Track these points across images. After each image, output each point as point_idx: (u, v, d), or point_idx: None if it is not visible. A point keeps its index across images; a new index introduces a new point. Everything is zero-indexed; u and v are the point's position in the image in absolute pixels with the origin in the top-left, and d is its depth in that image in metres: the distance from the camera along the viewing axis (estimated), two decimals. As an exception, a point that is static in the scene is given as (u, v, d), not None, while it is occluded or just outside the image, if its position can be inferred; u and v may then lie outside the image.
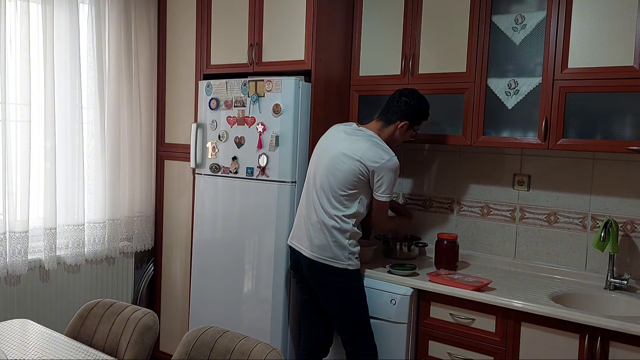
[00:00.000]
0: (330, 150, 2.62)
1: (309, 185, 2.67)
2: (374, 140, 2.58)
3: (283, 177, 2.83)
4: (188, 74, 3.40)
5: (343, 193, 2.55)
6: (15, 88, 2.90)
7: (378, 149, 2.54)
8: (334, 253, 2.53)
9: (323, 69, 2.89)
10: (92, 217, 3.30)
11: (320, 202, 2.58)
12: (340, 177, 2.54)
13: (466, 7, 2.65)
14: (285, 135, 2.82)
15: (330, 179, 2.56)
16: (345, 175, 2.53)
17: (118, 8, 3.33)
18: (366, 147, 2.54)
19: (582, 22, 2.37)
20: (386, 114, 2.65)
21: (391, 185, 2.56)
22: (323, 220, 2.55)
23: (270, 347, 1.78)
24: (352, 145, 2.57)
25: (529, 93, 2.52)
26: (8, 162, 2.87)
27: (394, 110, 2.62)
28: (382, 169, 2.52)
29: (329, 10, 2.90)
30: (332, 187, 2.56)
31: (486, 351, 2.38)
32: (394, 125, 2.63)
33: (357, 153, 2.53)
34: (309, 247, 2.59)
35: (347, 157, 2.54)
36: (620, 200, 2.58)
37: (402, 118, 2.61)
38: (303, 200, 2.70)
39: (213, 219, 3.14)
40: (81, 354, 1.93)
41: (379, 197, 2.58)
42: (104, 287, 3.39)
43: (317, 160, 2.67)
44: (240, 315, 3.01)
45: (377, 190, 2.57)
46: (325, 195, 2.57)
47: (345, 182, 2.54)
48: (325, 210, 2.56)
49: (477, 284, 2.44)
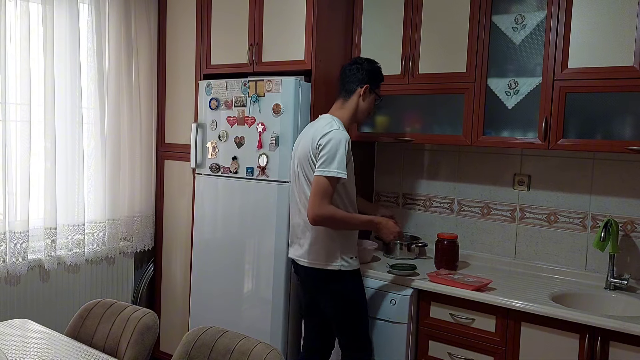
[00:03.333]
0: (297, 151, 2.56)
1: (291, 191, 2.62)
2: (323, 121, 2.48)
3: (283, 177, 2.83)
4: (188, 74, 3.40)
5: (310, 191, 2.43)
6: (15, 88, 2.90)
7: (325, 126, 2.42)
8: (325, 256, 2.44)
9: (323, 69, 2.89)
10: (92, 217, 3.30)
11: (301, 204, 2.50)
12: (308, 173, 2.44)
13: (466, 7, 2.65)
14: (285, 135, 2.82)
15: (301, 178, 2.48)
16: (310, 170, 2.43)
17: (118, 8, 3.33)
18: (314, 129, 2.46)
19: (582, 22, 2.37)
20: (344, 88, 2.55)
21: (335, 161, 2.31)
22: (306, 223, 2.44)
23: (270, 347, 1.78)
24: (306, 136, 2.49)
25: (529, 93, 2.52)
26: (8, 162, 2.87)
27: (350, 80, 2.53)
28: (325, 141, 2.35)
29: (329, 10, 2.90)
30: (304, 187, 2.47)
31: (486, 351, 2.38)
32: (356, 94, 2.53)
33: (308, 141, 2.44)
34: (300, 254, 2.53)
35: (304, 150, 2.46)
36: (620, 200, 2.58)
37: (360, 83, 2.52)
38: (290, 207, 2.65)
39: (213, 219, 3.14)
40: (81, 354, 1.93)
41: (318, 172, 2.33)
42: (104, 287, 3.38)
43: (292, 165, 2.62)
44: (241, 315, 3.01)
45: (317, 166, 2.35)
46: (304, 196, 2.47)
47: (308, 177, 2.44)
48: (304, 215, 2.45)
49: (477, 284, 2.44)
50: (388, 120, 3.00)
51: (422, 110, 2.92)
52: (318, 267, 2.46)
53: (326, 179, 2.32)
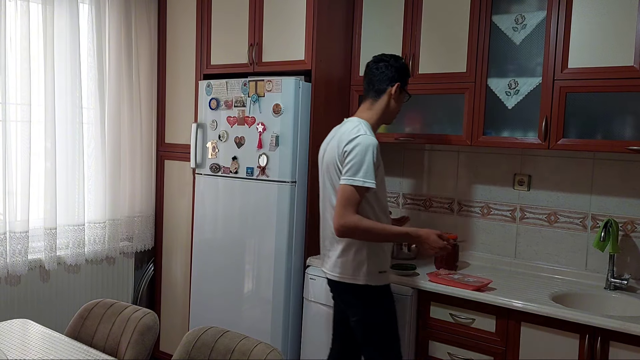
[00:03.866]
0: (323, 158, 2.40)
1: (321, 200, 2.44)
2: (350, 125, 2.30)
3: (283, 177, 2.83)
4: (188, 74, 3.40)
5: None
6: (15, 88, 2.90)
7: (351, 131, 2.25)
8: (352, 269, 2.28)
9: (323, 69, 2.89)
10: (92, 217, 3.30)
11: (328, 213, 2.34)
12: (335, 181, 2.29)
13: (466, 7, 2.65)
14: (285, 135, 2.82)
15: (328, 185, 2.34)
16: (335, 178, 2.28)
17: (118, 8, 3.33)
18: (340, 134, 2.29)
19: (582, 22, 2.38)
20: (372, 88, 2.37)
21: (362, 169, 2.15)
22: (333, 234, 2.25)
23: (270, 347, 1.78)
24: (332, 141, 2.34)
25: (529, 93, 2.52)
26: (8, 162, 2.87)
27: (379, 79, 2.36)
28: (352, 148, 2.19)
29: (329, 10, 2.90)
30: (331, 196, 2.32)
31: (486, 351, 2.38)
32: (387, 94, 2.36)
33: (334, 147, 2.29)
34: (328, 266, 2.37)
35: (331, 156, 2.31)
36: (620, 200, 2.58)
37: (391, 82, 2.35)
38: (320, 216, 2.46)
39: (213, 219, 3.14)
40: (81, 354, 1.93)
41: (344, 180, 2.17)
42: (104, 287, 3.38)
43: (320, 172, 2.45)
44: (241, 315, 3.01)
45: (342, 174, 2.19)
46: (329, 205, 2.33)
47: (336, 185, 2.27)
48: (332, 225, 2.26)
49: (477, 284, 2.44)
50: (388, 120, 3.00)
51: (422, 110, 2.92)
52: (344, 281, 2.31)
53: (352, 187, 2.15)
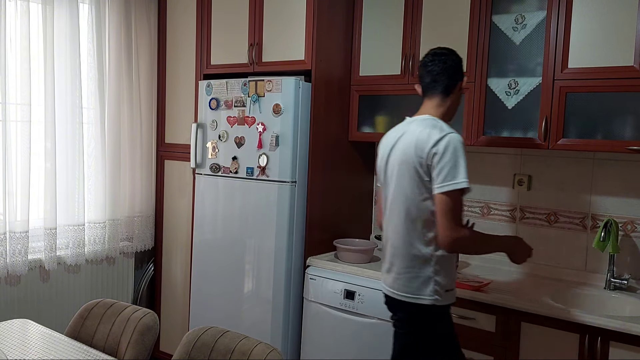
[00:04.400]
0: (388, 162, 2.16)
1: (386, 207, 2.19)
2: (426, 123, 2.07)
3: (283, 177, 2.83)
4: (188, 74, 3.40)
5: (414, 209, 2.04)
6: (15, 88, 2.90)
7: (432, 129, 2.02)
8: (417, 285, 2.05)
9: (323, 69, 2.89)
10: (92, 217, 3.30)
11: (397, 225, 2.10)
12: (415, 187, 2.03)
13: (466, 7, 2.65)
14: (285, 135, 2.82)
15: (405, 191, 2.06)
16: (409, 184, 2.04)
17: (118, 8, 3.33)
18: (416, 136, 2.04)
19: (582, 22, 2.37)
20: (442, 84, 2.13)
21: (460, 169, 1.95)
22: (406, 245, 2.07)
23: (270, 347, 1.78)
24: (405, 143, 2.09)
25: (529, 93, 2.52)
26: (8, 162, 2.87)
27: (449, 75, 2.13)
28: (443, 148, 1.96)
29: (329, 10, 2.90)
30: (408, 204, 2.06)
31: (486, 351, 2.38)
32: (457, 89, 2.16)
33: (410, 148, 2.04)
34: (389, 281, 2.15)
35: (407, 159, 2.05)
36: (620, 200, 2.58)
37: (461, 76, 2.17)
38: (385, 225, 2.22)
39: (213, 219, 3.14)
40: (81, 354, 1.93)
41: (441, 187, 1.94)
42: (104, 287, 3.38)
43: (383, 178, 2.21)
44: (241, 315, 3.01)
45: (437, 181, 1.95)
46: (405, 214, 2.07)
47: (412, 193, 2.03)
48: (403, 235, 2.08)
49: (477, 284, 2.44)
50: (388, 120, 3.00)
51: (422, 110, 2.91)
52: (407, 300, 2.07)
53: (456, 192, 1.94)
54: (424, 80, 2.18)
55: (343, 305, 2.70)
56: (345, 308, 2.69)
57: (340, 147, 3.07)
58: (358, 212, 3.26)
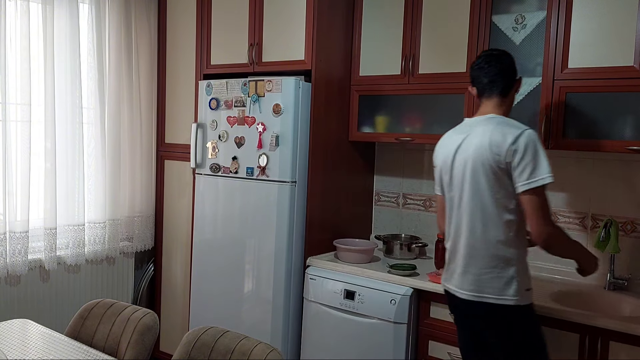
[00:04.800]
0: (454, 163, 2.12)
1: (455, 206, 2.13)
2: (495, 121, 2.06)
3: (283, 177, 2.83)
4: (188, 74, 3.40)
5: (493, 209, 2.01)
6: (15, 88, 2.90)
7: (505, 127, 2.01)
8: (500, 287, 2.01)
9: (323, 68, 2.89)
10: (92, 217, 3.30)
11: (473, 226, 2.05)
12: (494, 185, 2.00)
13: (466, 7, 2.65)
14: (285, 135, 2.82)
15: (481, 191, 2.03)
16: (486, 184, 2.01)
17: (118, 8, 3.33)
18: (488, 135, 2.01)
19: (582, 22, 2.37)
20: (500, 83, 2.11)
21: (542, 163, 1.93)
22: (480, 249, 2.04)
23: (270, 347, 1.78)
24: (475, 142, 2.05)
25: (529, 93, 2.52)
26: (8, 162, 2.87)
27: (508, 75, 2.12)
28: (523, 145, 1.94)
29: (329, 10, 2.90)
30: (487, 203, 2.02)
31: (486, 351, 2.38)
32: (514, 88, 2.16)
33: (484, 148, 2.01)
34: (465, 284, 2.08)
35: (481, 158, 2.01)
36: (620, 200, 2.58)
37: (515, 75, 2.16)
38: (452, 225, 2.16)
39: (213, 219, 3.14)
40: (81, 354, 1.93)
41: (528, 185, 1.93)
42: (104, 287, 3.39)
43: (448, 181, 2.16)
44: (241, 315, 3.01)
45: (521, 179, 1.94)
46: (480, 213, 2.03)
47: (490, 193, 2.01)
48: (481, 236, 2.03)
49: (477, 284, 2.43)
50: (388, 120, 3.00)
51: (422, 110, 2.92)
52: (489, 302, 2.02)
53: (542, 189, 1.94)
54: (480, 82, 2.15)
55: (343, 305, 2.70)
56: (345, 308, 2.69)
57: (340, 147, 3.07)
58: (358, 212, 3.26)
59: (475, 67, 2.17)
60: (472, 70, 2.19)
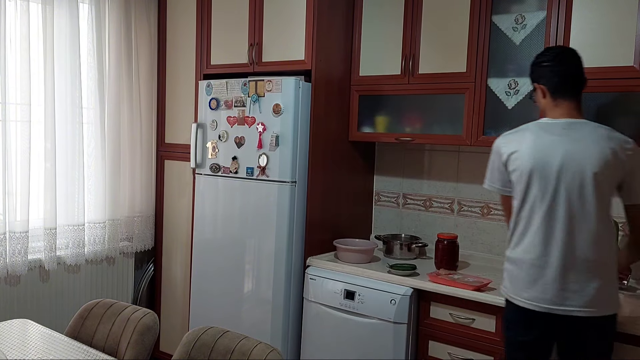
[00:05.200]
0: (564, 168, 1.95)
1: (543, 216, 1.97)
2: (593, 126, 2.00)
3: (283, 177, 2.83)
4: (188, 74, 3.40)
5: (605, 219, 1.95)
6: (15, 88, 2.90)
7: (608, 132, 1.97)
8: (614, 299, 1.95)
9: (323, 68, 2.89)
10: (92, 217, 3.30)
11: (585, 238, 1.92)
12: (595, 198, 1.92)
13: (466, 7, 2.65)
14: (285, 135, 2.82)
15: (589, 201, 1.92)
16: (597, 193, 1.92)
17: (118, 8, 3.33)
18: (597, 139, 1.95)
19: (582, 22, 2.37)
20: (577, 84, 2.04)
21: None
22: (597, 261, 1.92)
23: (270, 347, 1.78)
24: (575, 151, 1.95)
25: (529, 93, 2.52)
26: (8, 162, 2.87)
27: (579, 76, 2.04)
28: (636, 157, 1.95)
29: (329, 10, 2.90)
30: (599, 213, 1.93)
31: (486, 351, 2.38)
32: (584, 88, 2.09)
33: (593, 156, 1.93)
34: (582, 302, 1.92)
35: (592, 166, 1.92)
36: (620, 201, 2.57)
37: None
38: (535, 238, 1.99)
39: (213, 219, 3.14)
40: (81, 354, 1.93)
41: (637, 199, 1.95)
42: (104, 287, 3.38)
43: (545, 183, 1.97)
44: (241, 315, 3.01)
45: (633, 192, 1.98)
46: (594, 224, 1.92)
47: (601, 203, 1.93)
48: (597, 247, 1.92)
49: (477, 284, 2.44)
50: (388, 120, 3.00)
51: (422, 110, 2.92)
52: (606, 314, 1.94)
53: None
54: (555, 80, 2.03)
55: (343, 306, 2.70)
56: (345, 308, 2.69)
57: (340, 147, 3.07)
58: (358, 212, 3.26)
59: (552, 64, 2.04)
60: (546, 67, 2.05)
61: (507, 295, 2.07)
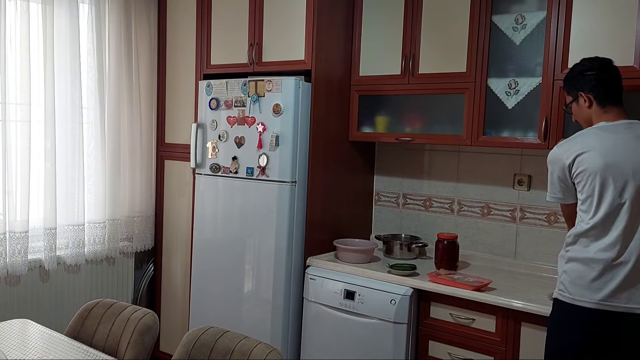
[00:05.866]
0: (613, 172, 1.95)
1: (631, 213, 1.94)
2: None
3: (283, 177, 2.83)
4: (188, 74, 3.40)
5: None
6: (15, 88, 2.90)
7: None
8: None
9: (323, 68, 2.89)
10: (92, 217, 3.30)
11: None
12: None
13: (466, 7, 2.65)
14: (285, 135, 2.82)
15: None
16: None
17: (118, 8, 3.33)
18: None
19: (582, 22, 2.38)
20: (618, 93, 2.09)
21: None
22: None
23: (270, 347, 1.78)
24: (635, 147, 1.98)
25: (529, 93, 2.52)
26: (8, 162, 2.87)
27: (619, 85, 2.10)
28: None
29: (329, 10, 2.90)
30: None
31: (486, 351, 2.38)
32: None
33: None
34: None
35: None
36: None
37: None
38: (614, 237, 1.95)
39: (213, 219, 3.14)
40: (81, 354, 1.93)
41: None
42: (104, 287, 3.38)
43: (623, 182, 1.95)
44: (241, 315, 3.01)
45: None
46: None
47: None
48: None
49: (477, 284, 2.44)
50: (388, 120, 3.00)
51: (422, 110, 2.92)
52: None
53: None
54: (603, 88, 2.07)
55: (343, 306, 2.70)
56: (345, 308, 2.69)
57: (341, 147, 3.07)
58: (358, 212, 3.26)
59: (597, 71, 2.08)
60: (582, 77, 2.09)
61: (568, 299, 2.01)
